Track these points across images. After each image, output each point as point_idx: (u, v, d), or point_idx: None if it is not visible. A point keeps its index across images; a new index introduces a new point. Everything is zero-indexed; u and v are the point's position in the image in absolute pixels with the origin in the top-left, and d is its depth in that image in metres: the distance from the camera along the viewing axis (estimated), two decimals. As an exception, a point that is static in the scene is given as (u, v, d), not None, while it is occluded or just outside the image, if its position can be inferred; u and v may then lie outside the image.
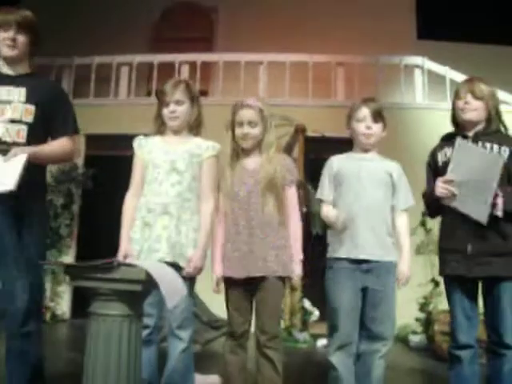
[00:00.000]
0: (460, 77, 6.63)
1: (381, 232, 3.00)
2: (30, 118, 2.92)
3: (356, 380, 3.00)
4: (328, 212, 3.04)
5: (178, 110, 2.99)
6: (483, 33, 9.31)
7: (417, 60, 7.41)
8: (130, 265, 2.07)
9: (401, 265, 3.01)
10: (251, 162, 3.05)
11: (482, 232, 2.83)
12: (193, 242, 2.90)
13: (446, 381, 3.00)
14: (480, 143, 2.91)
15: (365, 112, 3.02)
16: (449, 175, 2.83)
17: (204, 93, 8.54)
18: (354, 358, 3.00)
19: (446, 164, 2.93)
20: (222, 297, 3.03)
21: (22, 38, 2.98)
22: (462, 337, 2.90)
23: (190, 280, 2.90)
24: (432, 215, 3.17)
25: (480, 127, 2.96)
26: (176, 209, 2.89)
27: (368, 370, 3.01)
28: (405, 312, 5.96)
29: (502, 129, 3.02)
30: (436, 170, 3.02)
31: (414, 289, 6.08)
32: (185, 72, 7.72)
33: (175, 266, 2.74)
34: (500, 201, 2.76)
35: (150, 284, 2.05)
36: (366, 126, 3.02)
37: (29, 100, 2.92)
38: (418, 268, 6.21)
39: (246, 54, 7.54)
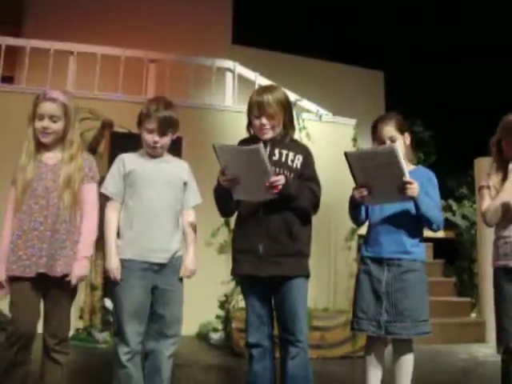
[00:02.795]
0: (267, 83, 6.88)
1: (171, 232, 3.06)
2: None
3: (145, 379, 3.00)
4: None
5: None
6: (295, 44, 9.80)
7: (228, 64, 7.56)
8: None
9: (186, 261, 3.11)
10: (52, 158, 2.97)
11: (273, 233, 2.95)
12: None
13: (242, 376, 3.10)
14: (277, 150, 3.00)
15: (153, 125, 3.02)
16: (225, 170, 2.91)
17: (9, 79, 8.05)
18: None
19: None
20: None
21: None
22: (253, 336, 3.02)
23: None
24: (223, 214, 3.21)
25: (277, 136, 3.03)
26: None
27: (158, 369, 3.02)
28: (207, 310, 6.08)
29: (295, 137, 3.15)
30: None
31: (216, 287, 6.22)
32: (-12, 56, 7.18)
33: None
34: (281, 182, 2.85)
35: None
36: (153, 140, 3.04)
37: None
38: (221, 266, 6.36)
39: (56, 42, 7.19)
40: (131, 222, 3.02)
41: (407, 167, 3.05)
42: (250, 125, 3.11)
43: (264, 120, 2.98)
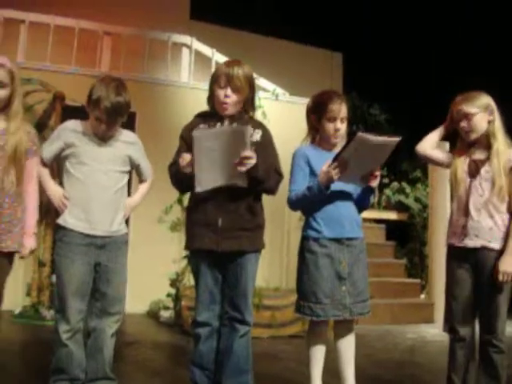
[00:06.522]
0: (224, 60, 6.79)
1: (114, 206, 3.04)
2: None
3: (87, 356, 2.98)
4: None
5: None
6: (255, 21, 9.70)
7: (185, 39, 7.43)
8: None
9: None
10: None
11: (233, 207, 2.89)
12: None
13: (189, 354, 3.07)
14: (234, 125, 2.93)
15: (101, 115, 2.95)
16: None
17: (-44, 47, 7.75)
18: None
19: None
20: None
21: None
22: (202, 315, 2.97)
23: None
24: (183, 190, 3.15)
25: (236, 114, 2.98)
26: None
27: (100, 347, 2.99)
28: (158, 288, 6.03)
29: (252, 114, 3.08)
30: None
31: (168, 265, 6.17)
32: None
33: None
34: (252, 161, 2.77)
35: None
36: (101, 129, 2.99)
37: None
38: (174, 244, 6.33)
39: (6, 9, 6.93)
40: (75, 193, 2.99)
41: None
42: (210, 97, 3.03)
43: (229, 91, 2.92)
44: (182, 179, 2.92)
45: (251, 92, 3.02)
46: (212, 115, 3.01)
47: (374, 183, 2.99)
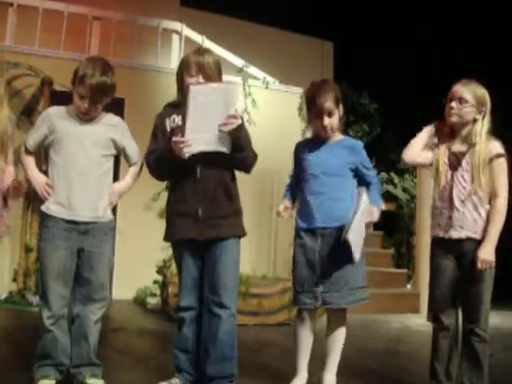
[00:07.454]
0: (214, 47, 6.76)
1: (98, 191, 3.01)
2: None
3: (71, 343, 3.00)
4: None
5: None
6: (245, 9, 9.66)
7: (175, 25, 7.40)
8: None
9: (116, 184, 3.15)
10: None
11: (211, 195, 2.92)
12: None
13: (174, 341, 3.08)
14: None
15: (85, 92, 2.90)
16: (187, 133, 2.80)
17: None
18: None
19: (173, 129, 2.96)
20: None
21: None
22: (185, 299, 3.00)
23: None
24: (163, 175, 3.13)
25: None
26: None
27: (84, 333, 2.99)
28: (145, 275, 6.02)
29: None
30: (164, 134, 3.00)
31: (155, 252, 6.14)
32: None
33: None
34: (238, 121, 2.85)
35: None
36: (83, 107, 2.93)
37: None
38: (161, 231, 6.28)
39: (-5, -8, 6.87)
40: (58, 179, 2.97)
41: (337, 138, 3.21)
42: (181, 87, 3.02)
43: (201, 79, 2.94)
44: (165, 162, 2.92)
45: (220, 79, 3.04)
46: (182, 104, 2.95)
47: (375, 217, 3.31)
